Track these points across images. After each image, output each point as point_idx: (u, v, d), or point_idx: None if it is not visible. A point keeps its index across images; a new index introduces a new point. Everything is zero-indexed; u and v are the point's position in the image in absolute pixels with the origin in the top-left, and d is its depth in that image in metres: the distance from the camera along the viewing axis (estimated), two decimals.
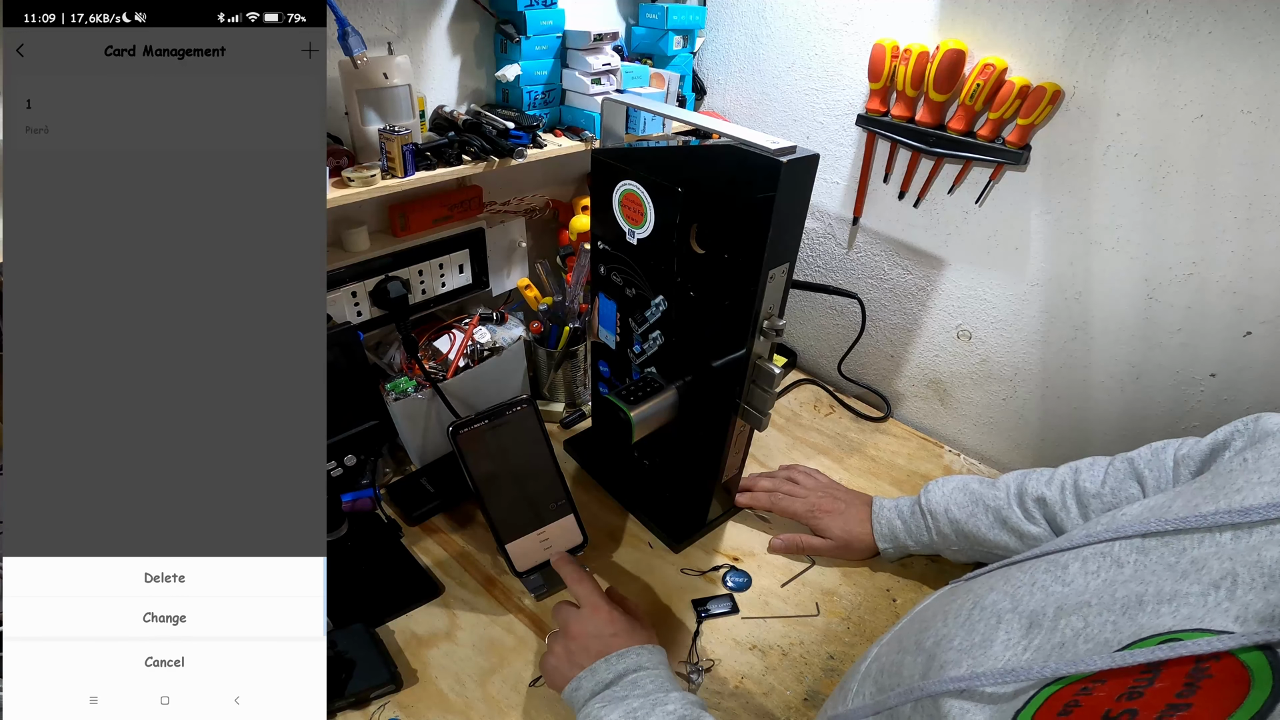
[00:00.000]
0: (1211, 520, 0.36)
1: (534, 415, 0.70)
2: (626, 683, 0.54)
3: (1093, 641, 0.34)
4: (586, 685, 0.54)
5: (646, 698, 0.52)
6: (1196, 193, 0.68)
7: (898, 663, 0.47)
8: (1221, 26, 0.62)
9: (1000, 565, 0.49)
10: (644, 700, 0.52)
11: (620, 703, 0.52)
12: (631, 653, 0.56)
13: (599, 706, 0.53)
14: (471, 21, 0.82)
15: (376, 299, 0.81)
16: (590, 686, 0.54)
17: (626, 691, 0.53)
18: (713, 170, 0.62)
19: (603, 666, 0.55)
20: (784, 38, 0.94)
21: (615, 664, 0.55)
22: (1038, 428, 0.91)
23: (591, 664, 0.55)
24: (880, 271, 0.98)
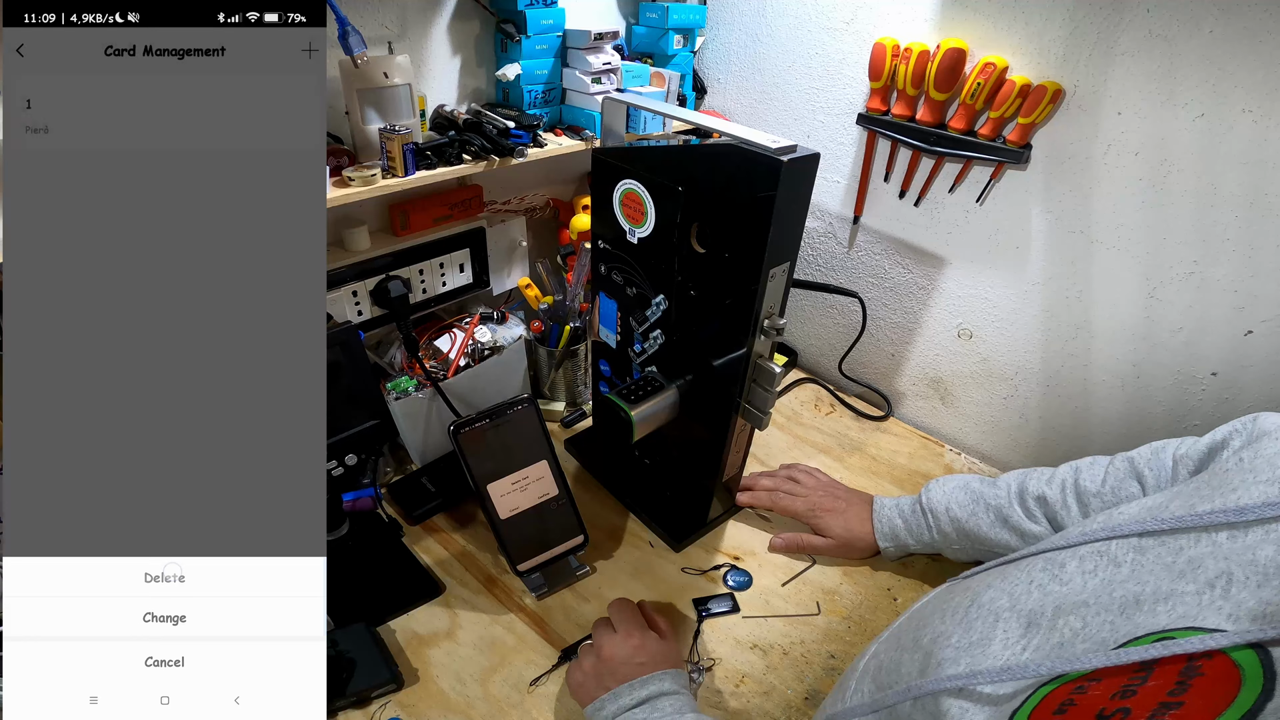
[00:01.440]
0: (1208, 520, 0.36)
1: (535, 414, 0.70)
2: (646, 706, 0.56)
3: (1090, 640, 0.34)
4: (610, 708, 0.56)
5: (665, 718, 0.54)
6: (1197, 191, 0.68)
7: (896, 660, 0.47)
8: (1223, 25, 0.62)
9: (997, 563, 0.49)
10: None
11: None
12: (655, 679, 0.57)
13: None
14: (472, 21, 0.82)
15: (377, 298, 0.81)
16: (613, 710, 0.56)
17: (646, 715, 0.55)
18: (713, 169, 0.61)
19: (626, 691, 0.57)
20: (784, 37, 0.94)
21: (639, 690, 0.57)
22: (1038, 426, 0.91)
23: (617, 688, 0.57)
24: (881, 270, 0.98)
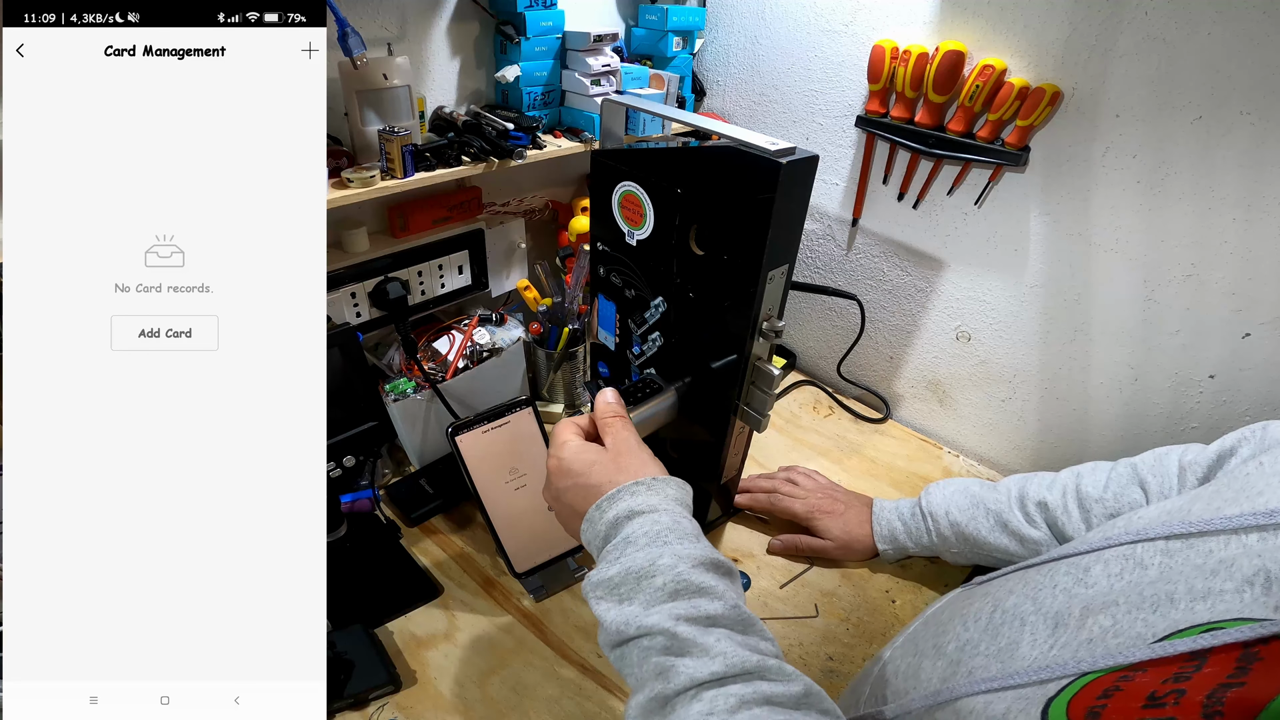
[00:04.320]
0: (1236, 522, 0.36)
1: (533, 416, 0.70)
2: (619, 542, 0.44)
3: (1123, 636, 0.34)
4: (593, 542, 0.46)
5: (638, 582, 0.41)
6: (1195, 194, 0.68)
7: (915, 666, 0.46)
8: (1220, 28, 0.62)
9: (1016, 568, 0.49)
10: (636, 579, 0.41)
11: (614, 590, 0.42)
12: (625, 494, 0.45)
13: (597, 596, 0.43)
14: (471, 22, 0.82)
15: (376, 300, 0.81)
16: (593, 543, 0.46)
17: (619, 554, 0.43)
18: (712, 171, 0.62)
19: (596, 515, 0.46)
20: (783, 39, 0.94)
21: (607, 510, 0.45)
22: (1037, 429, 0.91)
23: (587, 513, 0.46)
24: (879, 273, 0.98)
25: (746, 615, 0.40)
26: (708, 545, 0.44)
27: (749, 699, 0.35)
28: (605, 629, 0.41)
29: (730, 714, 0.34)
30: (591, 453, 0.49)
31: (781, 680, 0.37)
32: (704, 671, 0.36)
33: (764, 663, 0.37)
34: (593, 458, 0.49)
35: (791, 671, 0.38)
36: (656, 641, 0.38)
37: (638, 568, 0.41)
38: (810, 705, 0.36)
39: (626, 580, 0.41)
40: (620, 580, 0.41)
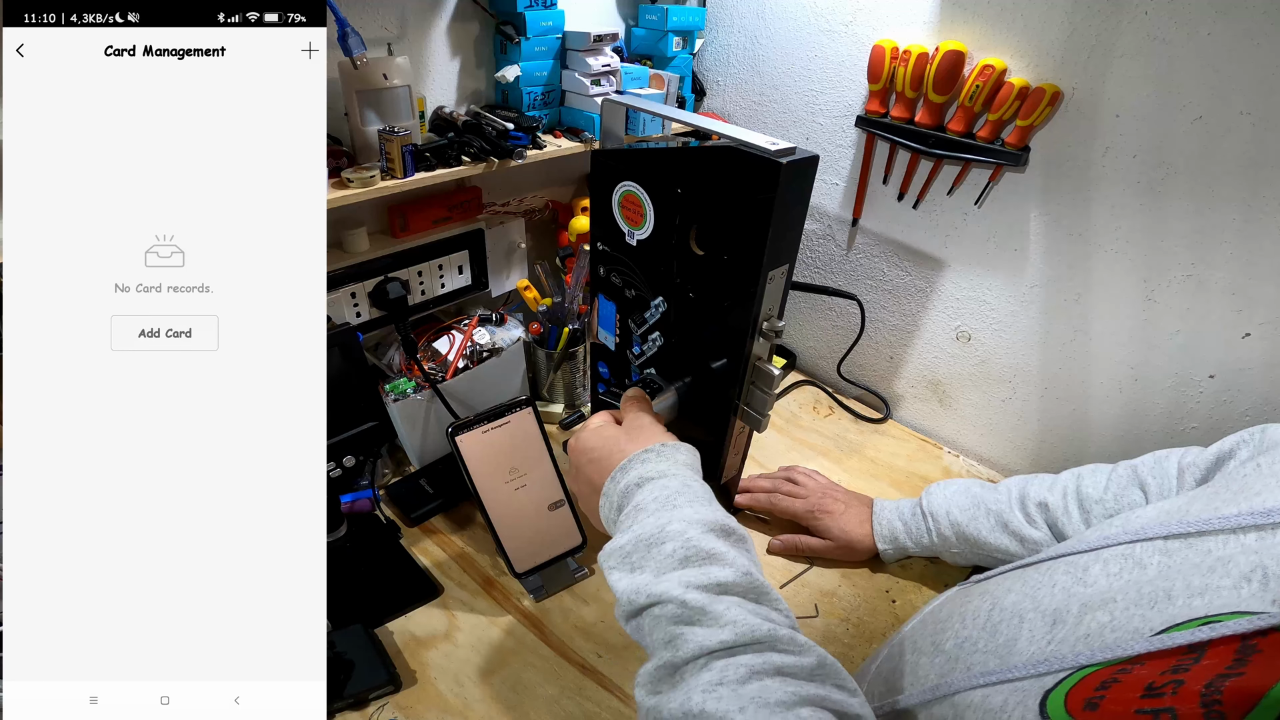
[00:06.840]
0: (1234, 522, 0.36)
1: (533, 416, 0.70)
2: (631, 510, 0.45)
3: (1120, 631, 0.34)
4: (610, 515, 0.48)
5: (649, 548, 0.42)
6: (1195, 194, 0.68)
7: (913, 663, 0.47)
8: (1221, 28, 0.62)
9: (1015, 567, 0.49)
10: (647, 546, 0.42)
11: (625, 559, 0.42)
12: (636, 462, 0.46)
13: (610, 567, 0.43)
14: (471, 22, 0.82)
15: (376, 300, 0.81)
16: (610, 515, 0.47)
17: (630, 522, 0.44)
18: (712, 171, 0.61)
19: (610, 487, 0.47)
20: (783, 39, 0.94)
21: (619, 479, 0.47)
22: (1037, 429, 0.91)
23: (604, 485, 0.48)
24: (879, 273, 0.98)
25: (759, 583, 0.40)
26: (718, 508, 0.44)
27: (759, 669, 0.34)
28: (619, 600, 0.41)
29: (740, 684, 0.34)
30: (609, 429, 0.53)
31: (794, 651, 0.36)
32: (714, 640, 0.36)
33: (775, 632, 0.36)
34: (610, 433, 0.52)
35: (805, 642, 0.37)
36: (667, 610, 0.38)
37: (648, 534, 0.41)
38: (824, 678, 0.36)
39: (638, 548, 0.42)
40: (632, 548, 0.42)
